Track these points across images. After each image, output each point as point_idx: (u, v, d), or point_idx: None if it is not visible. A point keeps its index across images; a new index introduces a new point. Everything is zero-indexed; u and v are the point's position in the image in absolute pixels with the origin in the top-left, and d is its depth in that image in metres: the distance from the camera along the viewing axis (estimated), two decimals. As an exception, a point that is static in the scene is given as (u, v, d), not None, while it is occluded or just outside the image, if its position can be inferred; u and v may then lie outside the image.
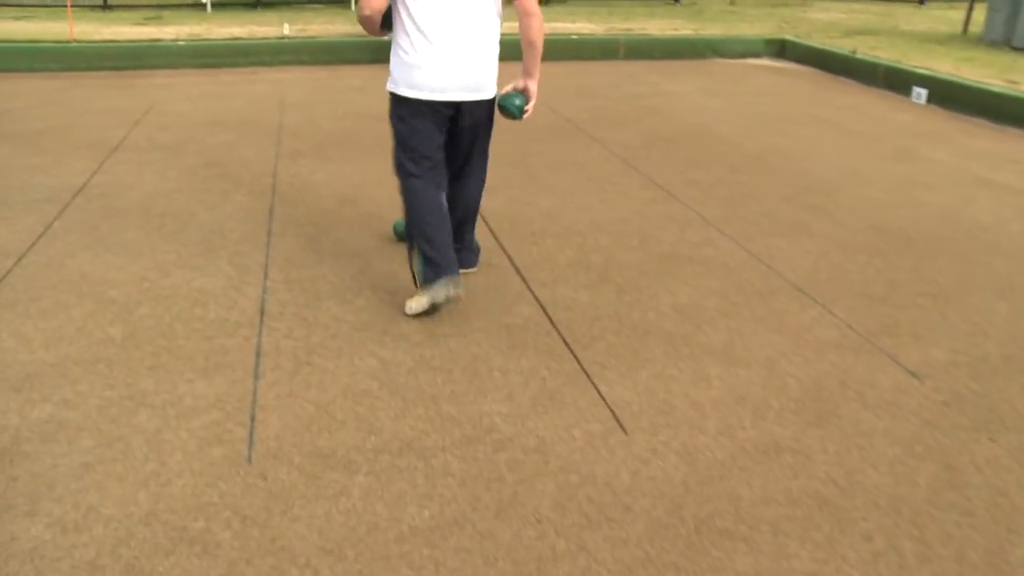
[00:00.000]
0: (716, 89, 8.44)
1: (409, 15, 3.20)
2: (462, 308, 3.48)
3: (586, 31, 11.31)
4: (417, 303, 3.36)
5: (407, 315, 3.39)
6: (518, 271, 3.88)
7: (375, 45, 9.53)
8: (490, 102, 3.42)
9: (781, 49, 10.77)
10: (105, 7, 13.46)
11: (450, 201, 3.48)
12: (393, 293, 3.61)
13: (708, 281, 3.82)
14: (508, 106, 3.49)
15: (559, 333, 3.31)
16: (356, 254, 4.03)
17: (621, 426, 2.74)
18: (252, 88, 8.12)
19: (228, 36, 10.33)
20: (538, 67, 3.45)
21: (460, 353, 3.15)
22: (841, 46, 10.12)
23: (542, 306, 3.54)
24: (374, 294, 3.61)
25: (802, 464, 2.58)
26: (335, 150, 5.83)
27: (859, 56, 9.24)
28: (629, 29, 11.56)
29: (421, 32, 3.20)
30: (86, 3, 13.65)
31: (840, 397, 2.95)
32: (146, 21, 12.05)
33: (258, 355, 3.11)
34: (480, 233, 4.28)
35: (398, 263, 3.92)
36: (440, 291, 3.28)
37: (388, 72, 3.36)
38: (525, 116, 3.50)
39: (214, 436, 2.63)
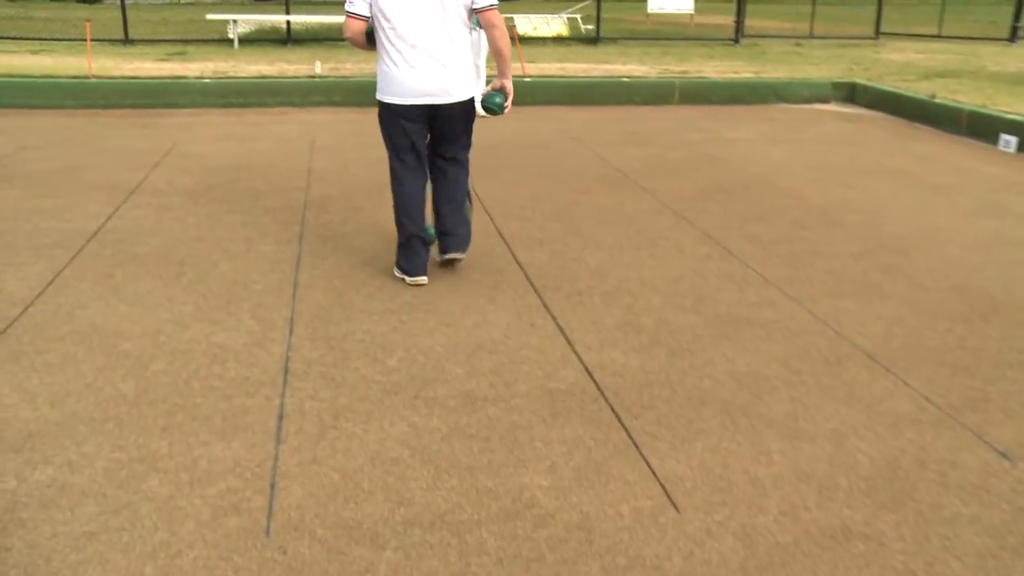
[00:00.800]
0: (779, 137, 8.51)
1: (387, 33, 4.18)
2: (501, 372, 3.53)
3: (638, 73, 11.48)
4: (398, 272, 4.50)
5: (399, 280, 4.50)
6: (562, 332, 3.92)
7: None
8: (463, 103, 4.34)
9: (851, 93, 10.83)
10: (126, 41, 13.98)
11: (439, 191, 4.50)
12: (427, 353, 3.67)
13: (769, 346, 3.83)
14: (490, 104, 4.50)
15: (606, 400, 3.34)
16: (389, 310, 4.10)
17: (673, 503, 2.74)
18: (280, 130, 8.36)
19: (256, 74, 10.68)
20: (510, 67, 4.45)
21: (498, 420, 3.19)
22: (918, 90, 10.15)
23: (588, 371, 3.57)
24: (407, 353, 3.67)
25: (875, 552, 2.56)
26: (367, 198, 5.97)
27: (939, 101, 9.27)
28: (685, 72, 11.71)
29: (397, 47, 4.18)
30: (106, 37, 14.19)
31: (918, 478, 2.92)
32: (169, 57, 12.49)
33: (280, 417, 3.17)
34: (522, 289, 4.34)
35: (435, 321, 3.98)
36: (410, 282, 4.42)
37: None
38: (506, 110, 4.53)
39: (230, 504, 2.67)
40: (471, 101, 4.40)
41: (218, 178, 6.43)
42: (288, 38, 14.61)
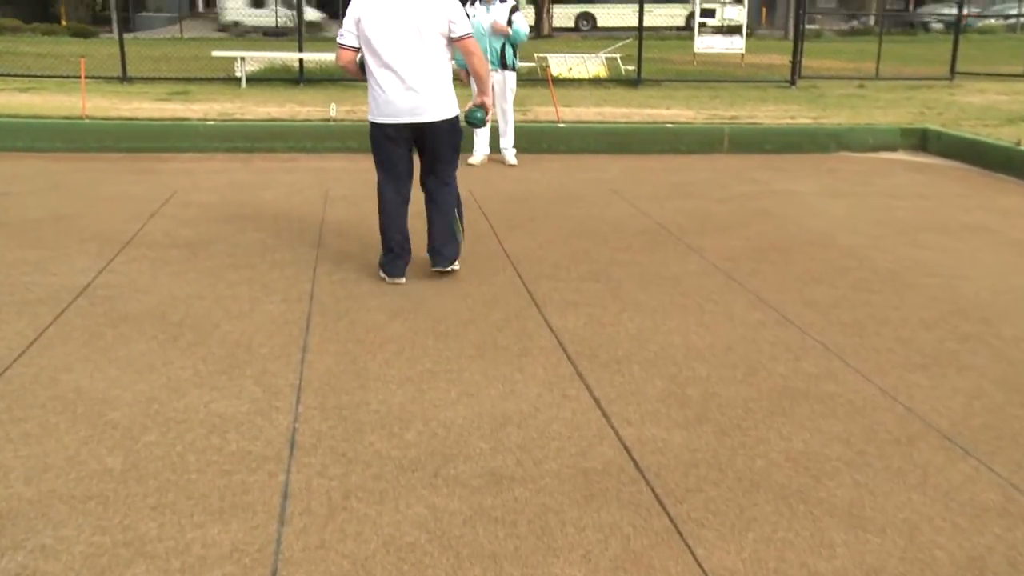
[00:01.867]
0: (840, 189, 8.54)
1: (372, 60, 5.28)
2: (530, 448, 3.54)
3: (683, 119, 11.61)
4: (381, 274, 5.54)
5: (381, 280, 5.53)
6: (598, 404, 3.93)
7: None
8: (444, 122, 5.35)
9: (922, 140, 10.87)
10: (124, 79, 14.34)
11: (430, 213, 5.58)
12: (449, 426, 3.70)
13: (830, 423, 3.81)
14: (472, 118, 5.71)
15: (647, 482, 3.33)
16: (407, 378, 4.14)
17: (723, 602, 2.72)
18: (291, 178, 8.52)
19: (265, 116, 10.91)
20: (488, 86, 5.63)
21: (527, 503, 3.19)
22: (1001, 136, 10.17)
23: (627, 448, 3.57)
24: (426, 427, 3.70)
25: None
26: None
27: (1024, 149, 9.27)
28: (735, 117, 11.83)
29: (381, 72, 5.26)
30: (102, 74, 14.57)
31: (1002, 577, 2.88)
32: (170, 96, 12.80)
33: (285, 496, 3.20)
34: (554, 357, 4.37)
35: (457, 391, 4.01)
36: (389, 275, 5.49)
37: None
38: (487, 124, 5.97)
39: (229, 592, 2.69)
40: (455, 120, 5.43)
41: (221, 230, 6.55)
42: (301, 77, 14.91)
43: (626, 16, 21.38)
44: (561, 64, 16.94)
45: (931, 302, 5.34)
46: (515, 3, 9.39)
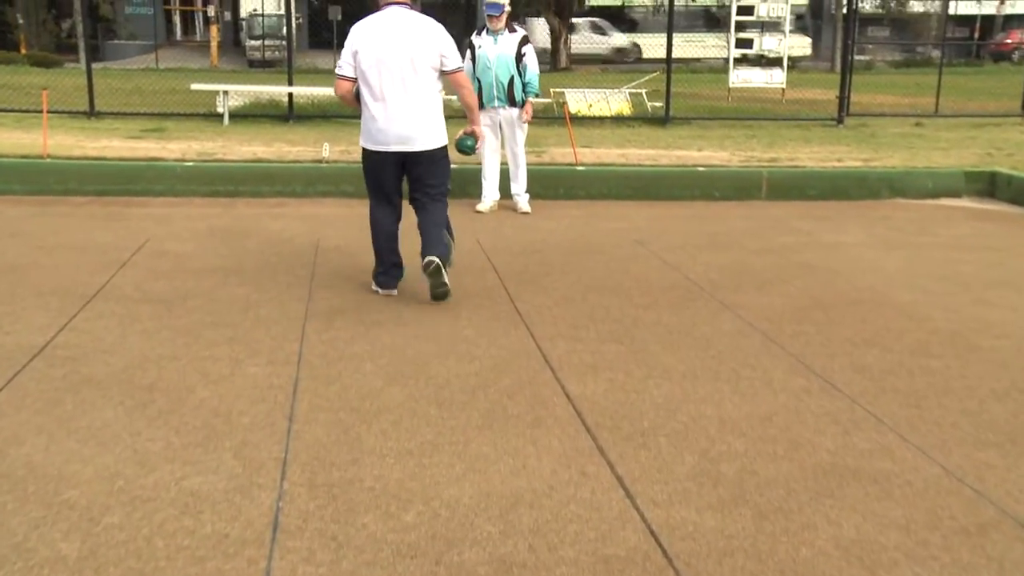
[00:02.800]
0: (895, 240, 8.56)
1: (366, 90, 6.21)
2: (544, 532, 3.52)
3: (716, 161, 11.68)
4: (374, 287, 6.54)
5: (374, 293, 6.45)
6: (621, 482, 3.91)
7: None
8: (434, 150, 6.26)
9: (990, 185, 10.89)
10: (92, 114, 14.50)
11: (422, 221, 6.34)
12: (452, 506, 3.68)
13: (886, 507, 3.78)
14: (461, 146, 6.66)
15: (676, 572, 3.31)
16: (406, 451, 4.14)
17: None
18: (278, 225, 8.59)
19: (249, 157, 11.03)
20: (478, 117, 6.69)
21: (539, 595, 3.16)
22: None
23: (653, 533, 3.55)
24: (428, 507, 3.68)
25: None
26: (384, 310, 6.11)
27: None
28: (775, 159, 11.89)
29: (375, 101, 6.19)
30: (67, 108, 14.74)
31: None
32: (144, 134, 12.95)
33: (265, 585, 3.18)
34: (571, 428, 4.36)
35: (463, 466, 3.99)
36: (381, 287, 6.49)
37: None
38: (477, 151, 6.82)
39: None
40: (443, 149, 6.34)
41: (199, 283, 6.59)
42: (290, 114, 15.06)
43: (684, 47, 21.58)
44: (580, 100, 17.08)
45: (1001, 369, 5.31)
46: (525, 33, 9.53)
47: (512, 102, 9.25)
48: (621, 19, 42.58)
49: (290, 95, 15.19)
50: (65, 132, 12.79)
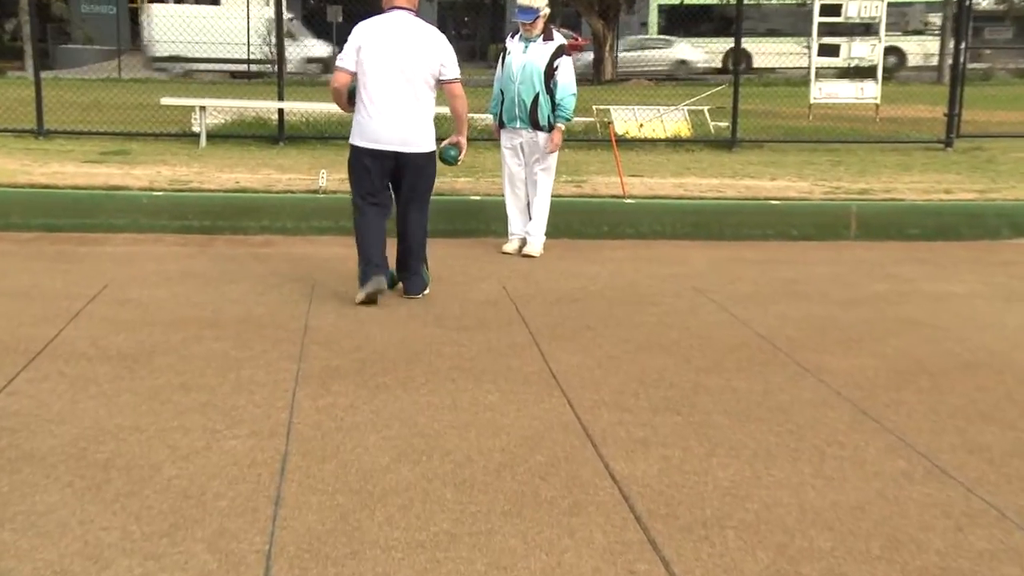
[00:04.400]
0: (1017, 290, 8.54)
1: (365, 88, 7.47)
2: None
3: (794, 193, 11.68)
4: (359, 295, 7.53)
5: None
6: (677, 583, 3.92)
7: (452, 209, 10.09)
8: (422, 154, 7.58)
9: None
10: (40, 133, 14.62)
11: (400, 234, 7.80)
12: (470, 609, 3.68)
13: (1002, 616, 3.76)
14: (445, 156, 7.91)
15: None
16: (417, 543, 4.15)
17: None
18: (265, 268, 8.67)
19: (231, 186, 11.11)
20: (465, 127, 7.98)
21: None
22: None
23: (716, 644, 3.54)
24: (439, 609, 3.68)
25: None
26: (391, 372, 6.14)
27: None
28: (866, 191, 11.89)
29: (372, 100, 7.47)
30: (10, 126, 14.81)
31: None
32: (104, 157, 13.06)
33: None
34: (617, 517, 4.36)
35: (485, 562, 3.97)
36: (369, 287, 7.47)
37: (455, 256, 8.21)
38: (459, 162, 8.10)
39: None
40: (432, 155, 7.69)
41: (168, 337, 6.65)
42: (280, 135, 15.14)
43: (758, 56, 21.36)
44: (629, 119, 17.09)
45: None
46: (564, 43, 9.42)
47: (536, 125, 9.21)
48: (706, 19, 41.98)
49: (280, 112, 15.30)
50: (7, 154, 12.89)
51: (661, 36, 41.42)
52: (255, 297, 7.71)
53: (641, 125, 16.89)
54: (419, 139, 7.55)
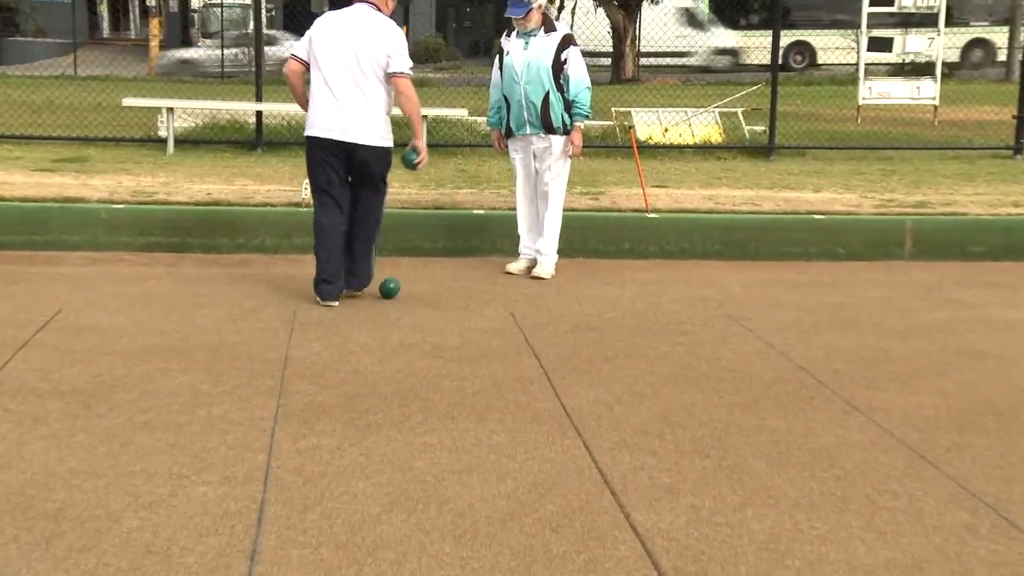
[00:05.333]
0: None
1: (316, 78, 8.31)
2: None
3: (841, 206, 11.68)
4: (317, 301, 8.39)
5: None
6: (707, 649, 3.92)
7: (452, 225, 10.11)
8: (372, 148, 8.26)
9: None
10: (-17, 137, 14.66)
11: (350, 231, 8.45)
12: None
13: None
14: (405, 160, 8.58)
15: None
16: (407, 602, 4.15)
17: None
18: (241, 291, 8.71)
19: (203, 198, 11.12)
20: (420, 129, 8.61)
21: None
22: None
23: None
24: None
25: None
26: (383, 409, 6.14)
27: None
28: (923, 204, 11.89)
29: (322, 90, 8.26)
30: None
31: None
32: (57, 165, 13.09)
33: None
34: (639, 572, 4.36)
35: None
36: (320, 300, 8.31)
37: (455, 277, 9.11)
38: (419, 166, 8.71)
39: None
40: (384, 152, 8.38)
41: (130, 369, 6.66)
42: (258, 140, 15.18)
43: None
44: (652, 123, 17.09)
45: None
46: (569, 32, 9.41)
47: (549, 128, 9.22)
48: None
49: (258, 114, 15.35)
50: (-53, 162, 12.94)
51: (697, 14, 41.24)
52: (229, 324, 7.73)
53: (666, 129, 16.89)
54: (367, 131, 8.22)
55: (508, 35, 9.39)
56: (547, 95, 9.15)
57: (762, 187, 12.85)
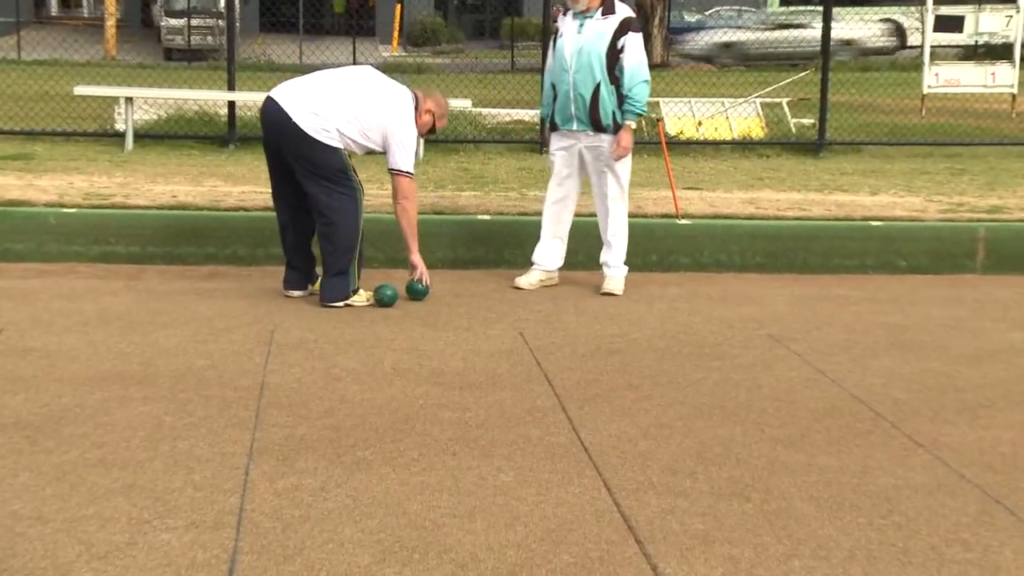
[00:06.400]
0: None
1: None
2: None
3: (902, 212, 11.69)
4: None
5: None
6: None
7: (454, 233, 10.12)
8: (300, 129, 8.54)
9: None
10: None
11: (310, 228, 9.12)
12: None
13: None
14: (411, 290, 8.98)
15: None
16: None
17: None
18: (210, 308, 8.74)
19: (168, 201, 11.15)
20: (413, 240, 8.93)
21: None
22: None
23: None
24: None
25: None
26: (373, 443, 6.15)
27: None
28: (998, 208, 11.89)
29: (298, 78, 9.22)
30: None
31: None
32: (-1, 165, 13.14)
33: None
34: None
35: None
36: (284, 288, 9.18)
37: (457, 292, 9.31)
38: (429, 287, 9.06)
39: None
40: (318, 143, 8.58)
41: (82, 398, 6.66)
42: (231, 134, 15.21)
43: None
44: (684, 115, 17.10)
45: None
46: (631, 15, 9.31)
47: (598, 126, 9.22)
48: None
49: (231, 105, 15.41)
50: None
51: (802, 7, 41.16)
52: (196, 346, 7.74)
53: (700, 123, 16.92)
54: (303, 116, 8.59)
55: (564, 14, 9.36)
56: (598, 87, 9.13)
57: (811, 189, 12.86)
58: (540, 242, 9.58)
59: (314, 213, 8.78)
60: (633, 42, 9.14)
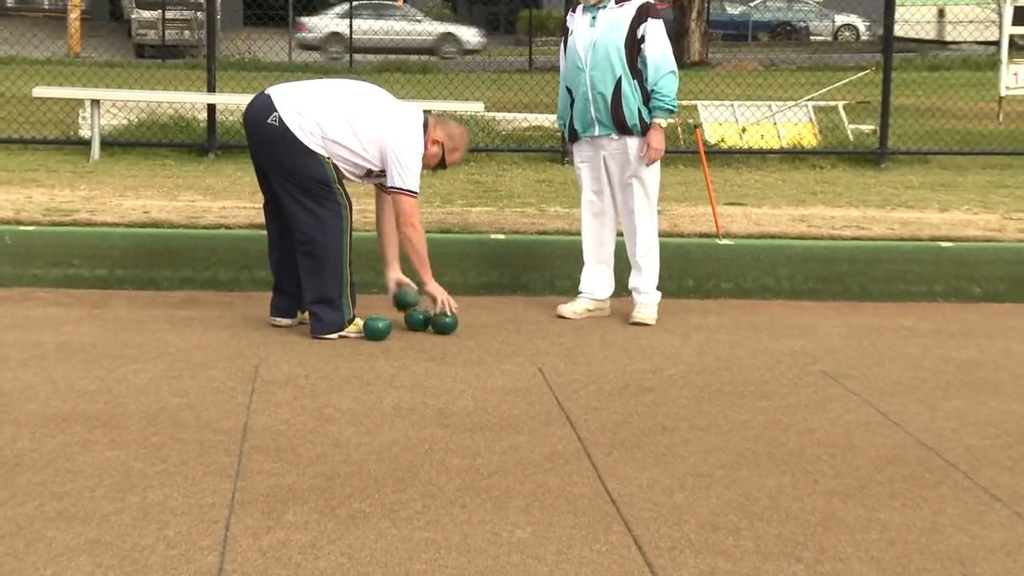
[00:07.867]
0: None
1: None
2: None
3: (976, 231, 11.67)
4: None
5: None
6: None
7: (465, 253, 10.15)
8: (274, 122, 8.60)
9: None
10: None
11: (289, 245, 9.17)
12: None
13: None
14: (440, 327, 9.02)
15: None
16: None
17: None
18: (186, 340, 8.77)
19: (139, 217, 11.19)
20: (426, 269, 8.98)
21: None
22: None
23: None
24: None
25: None
26: (371, 494, 6.15)
27: None
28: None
29: (293, 83, 9.47)
30: None
31: None
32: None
33: None
34: None
35: None
36: (270, 315, 9.26)
37: (467, 321, 9.22)
38: (456, 314, 9.10)
39: None
40: (296, 139, 8.56)
41: (41, 442, 6.68)
42: (210, 142, 15.23)
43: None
44: (725, 121, 17.10)
45: None
46: (649, 1, 9.19)
47: (623, 127, 9.17)
48: None
49: (211, 109, 15.47)
50: None
51: None
52: (171, 382, 7.76)
53: (744, 129, 16.91)
54: (288, 111, 8.67)
55: (574, 10, 9.30)
56: (619, 83, 9.08)
57: (871, 205, 12.87)
58: (584, 268, 9.57)
59: (294, 232, 8.76)
60: (655, 29, 9.05)
